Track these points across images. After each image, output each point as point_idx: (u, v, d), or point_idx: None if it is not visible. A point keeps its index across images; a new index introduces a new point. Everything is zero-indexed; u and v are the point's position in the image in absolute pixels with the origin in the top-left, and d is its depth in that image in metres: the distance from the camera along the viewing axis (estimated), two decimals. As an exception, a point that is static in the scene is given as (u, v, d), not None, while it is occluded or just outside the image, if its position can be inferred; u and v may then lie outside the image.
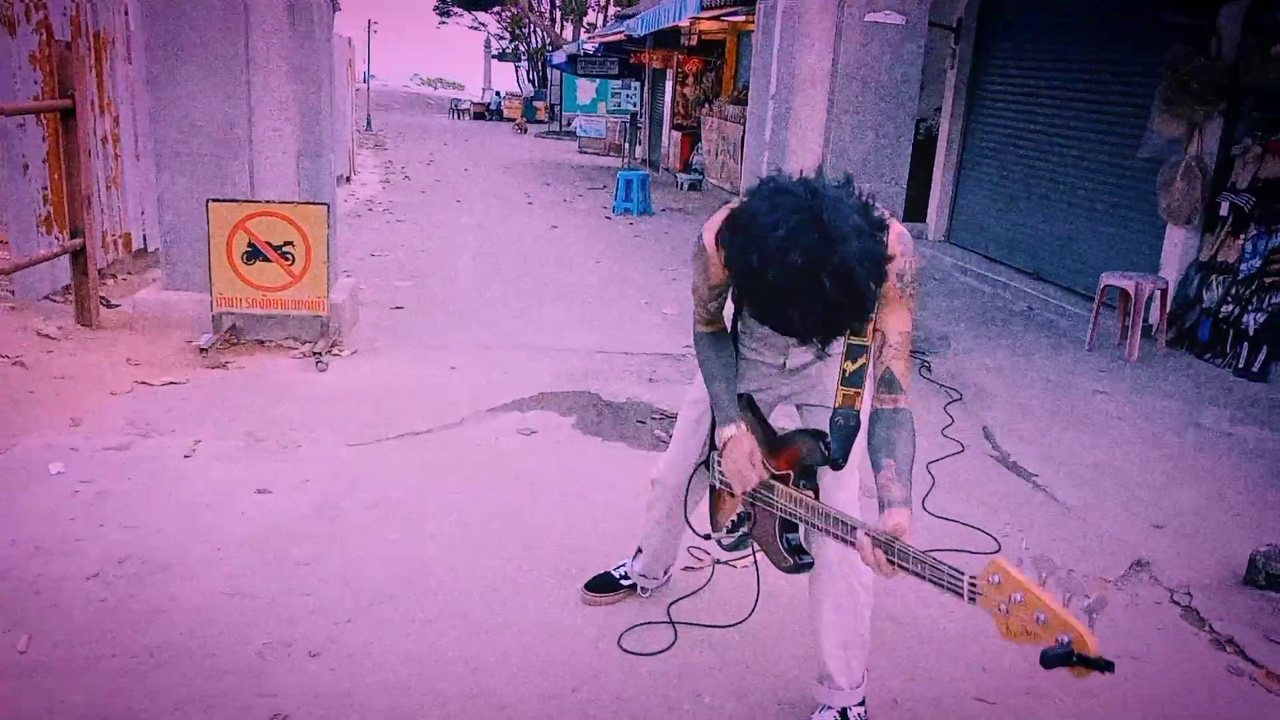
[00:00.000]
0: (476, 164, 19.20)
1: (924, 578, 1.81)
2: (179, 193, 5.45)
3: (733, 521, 2.46)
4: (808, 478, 2.21)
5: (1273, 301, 6.06)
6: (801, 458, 2.21)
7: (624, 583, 3.09)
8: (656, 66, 19.20)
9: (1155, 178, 6.86)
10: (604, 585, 3.09)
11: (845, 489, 2.34)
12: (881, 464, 1.99)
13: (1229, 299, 6.36)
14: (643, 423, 4.72)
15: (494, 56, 49.48)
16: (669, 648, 2.86)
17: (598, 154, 23.13)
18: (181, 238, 5.51)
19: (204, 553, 3.25)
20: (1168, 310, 6.58)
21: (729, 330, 2.43)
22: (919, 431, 2.25)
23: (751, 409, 2.40)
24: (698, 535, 2.61)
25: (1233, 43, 6.48)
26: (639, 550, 3.04)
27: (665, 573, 3.12)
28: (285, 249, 5.22)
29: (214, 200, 5.16)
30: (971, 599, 1.72)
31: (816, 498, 2.19)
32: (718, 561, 3.30)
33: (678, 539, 2.94)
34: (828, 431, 2.18)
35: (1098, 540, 3.76)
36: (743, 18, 12.94)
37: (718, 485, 2.51)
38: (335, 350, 5.46)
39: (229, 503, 3.63)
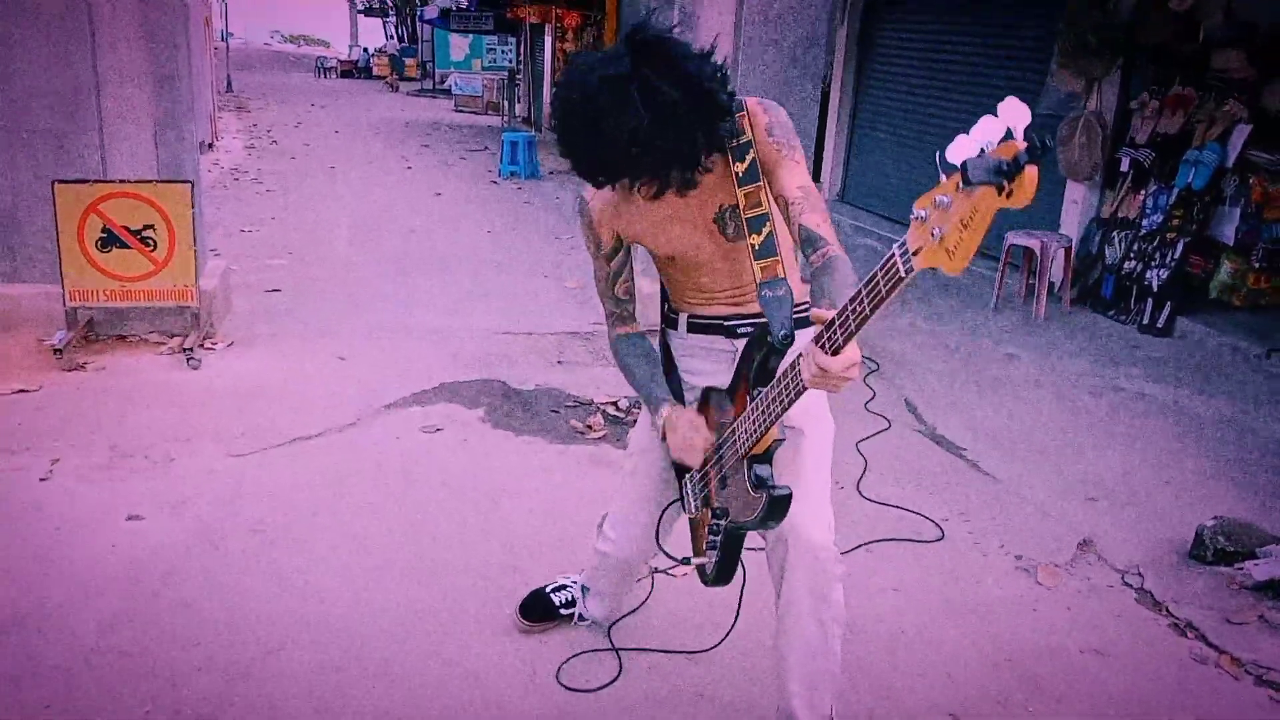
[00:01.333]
0: (348, 126, 18.31)
1: (868, 311, 1.45)
2: (19, 173, 4.82)
3: (711, 528, 2.09)
4: (764, 383, 1.86)
5: (1174, 257, 6.09)
6: (751, 370, 1.92)
7: (562, 612, 2.77)
8: (534, 21, 18.57)
9: (1054, 133, 6.81)
10: (540, 610, 2.77)
11: (805, 448, 2.09)
12: (820, 302, 1.71)
13: (1131, 255, 6.37)
14: (556, 411, 4.39)
15: (360, 11, 47.60)
16: (615, 679, 2.58)
17: (475, 113, 22.39)
18: (24, 224, 4.88)
19: (67, 598, 2.81)
20: (1071, 268, 6.56)
21: (641, 331, 2.24)
22: (845, 412, 2.14)
23: (710, 397, 2.11)
24: (677, 562, 2.21)
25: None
26: (590, 592, 2.73)
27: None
28: (145, 234, 4.67)
29: (60, 181, 4.57)
30: (908, 265, 1.35)
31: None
32: (657, 570, 3.02)
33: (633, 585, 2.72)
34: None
35: (1038, 519, 3.62)
36: (625, -29, 12.48)
37: (694, 512, 2.19)
38: (209, 343, 4.95)
39: (95, 534, 3.17)
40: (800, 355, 1.63)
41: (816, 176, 10.37)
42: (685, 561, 2.19)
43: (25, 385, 4.31)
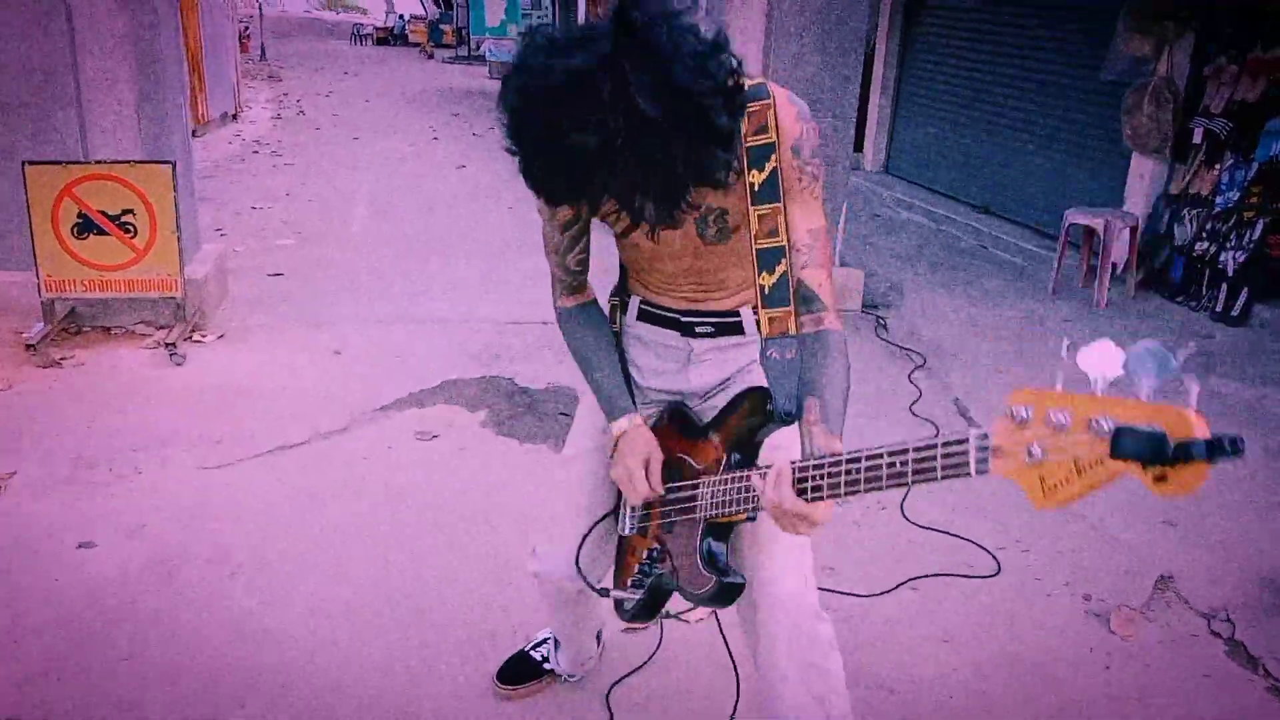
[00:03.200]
0: (379, 95, 17.92)
1: (884, 484, 1.21)
2: (-7, 152, 4.49)
3: (641, 567, 1.74)
4: (744, 451, 1.58)
5: (1252, 238, 5.53)
6: (736, 429, 1.60)
7: (545, 666, 2.39)
8: (568, -14, 18.05)
9: (1119, 102, 6.25)
10: (520, 672, 2.38)
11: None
12: (804, 404, 1.47)
13: (1204, 236, 5.82)
14: (565, 414, 3.99)
15: (397, -23, 47.16)
16: (608, 763, 2.19)
17: (509, 81, 21.89)
18: (1, 207, 4.55)
19: (-7, 646, 2.47)
20: (1137, 249, 6.02)
21: (594, 299, 1.85)
22: (887, 416, 1.87)
23: (678, 417, 1.76)
24: (595, 591, 1.84)
25: (1205, -49, 5.83)
26: (555, 640, 2.35)
27: (598, 643, 2.43)
28: (124, 219, 4.31)
29: (31, 163, 4.22)
30: (983, 466, 1.08)
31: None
32: (668, 614, 2.62)
33: (597, 616, 2.26)
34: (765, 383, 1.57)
35: (1109, 549, 3.17)
36: (659, -69, 11.93)
37: (627, 531, 1.81)
38: (198, 335, 4.60)
39: (39, 563, 2.83)
40: (763, 472, 1.41)
41: (859, 146, 9.82)
42: (602, 593, 1.81)
43: (-6, 384, 4.00)
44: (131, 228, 4.32)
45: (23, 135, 4.46)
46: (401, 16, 39.71)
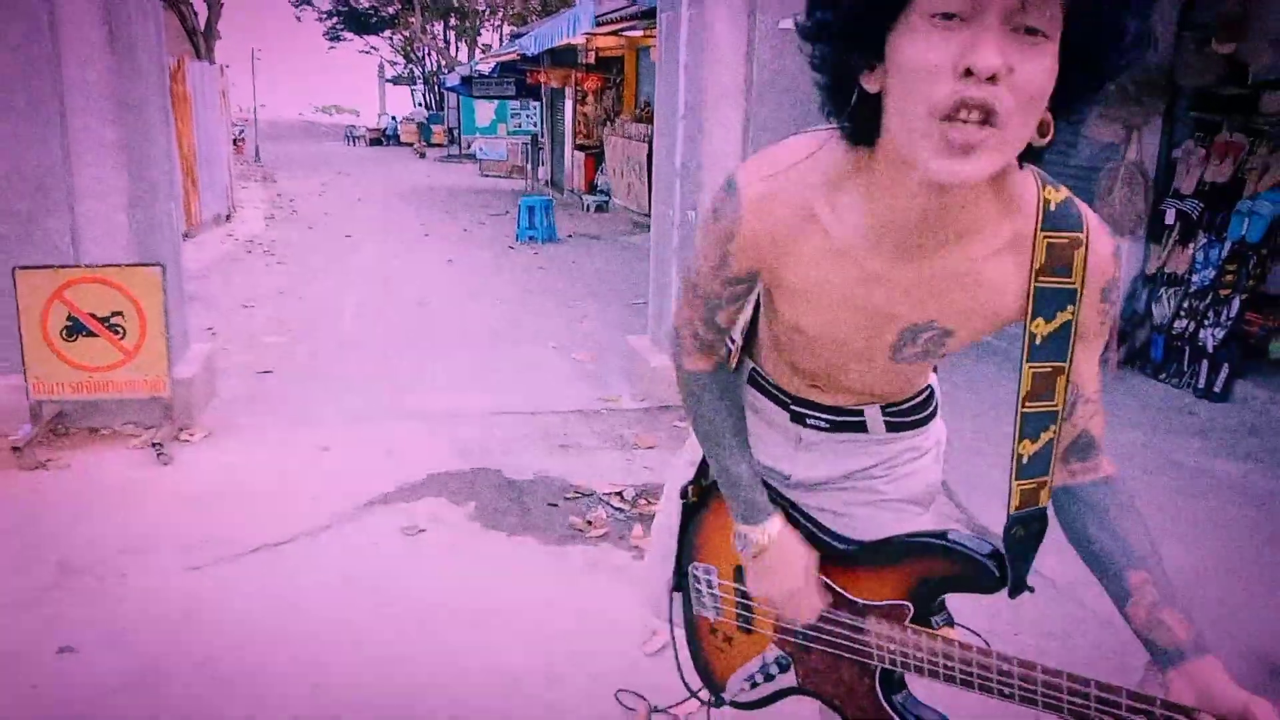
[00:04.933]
0: (371, 193, 18.25)
1: None
2: (-15, 257, 4.55)
3: (761, 675, 1.55)
4: (933, 608, 1.37)
5: (1229, 315, 5.61)
6: (930, 580, 1.35)
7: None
8: (554, 86, 18.52)
9: (1093, 186, 6.40)
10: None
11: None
12: (1126, 582, 1.21)
13: (1181, 313, 5.90)
14: (554, 505, 3.99)
15: (388, 80, 48.43)
16: None
17: (500, 177, 22.34)
18: (-10, 311, 4.59)
19: (-34, 760, 2.42)
20: (1117, 328, 6.10)
21: (735, 368, 1.53)
22: None
23: (783, 500, 1.53)
24: (701, 701, 1.66)
25: (1167, 41, 6.04)
26: None
27: None
28: (113, 321, 4.36)
29: (21, 268, 4.28)
30: None
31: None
32: (655, 710, 2.58)
33: None
34: (997, 543, 1.32)
35: (1099, 630, 3.15)
36: (640, 33, 12.32)
37: (710, 610, 1.61)
38: (185, 435, 4.60)
39: (18, 671, 2.79)
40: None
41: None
42: (716, 703, 1.62)
43: (-22, 489, 3.98)
44: (121, 329, 4.36)
45: (14, 241, 4.53)
46: (394, 118, 40.64)
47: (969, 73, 0.97)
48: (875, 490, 1.55)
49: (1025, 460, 1.26)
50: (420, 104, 40.97)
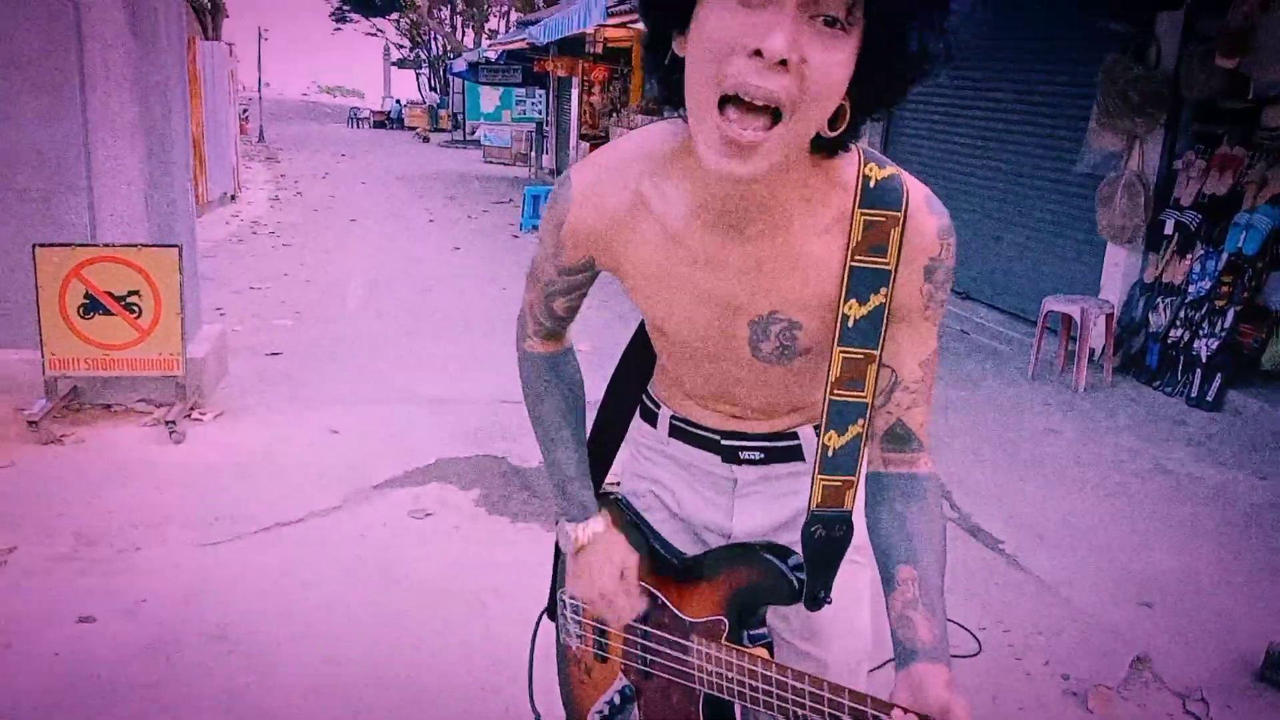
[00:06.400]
0: (375, 177, 18.29)
1: None
2: (5, 236, 4.62)
3: (608, 706, 1.48)
4: (749, 622, 1.30)
5: (1224, 326, 5.71)
6: (741, 591, 1.29)
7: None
8: (561, 75, 18.55)
9: (1094, 194, 6.49)
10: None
11: (839, 634, 1.44)
12: (894, 573, 1.15)
13: (1177, 323, 6.00)
14: (557, 493, 4.08)
15: (394, 64, 48.34)
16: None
17: (504, 164, 22.38)
18: (9, 288, 4.67)
19: (-9, 721, 2.51)
20: (1113, 335, 6.19)
21: (573, 351, 1.50)
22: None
23: (632, 515, 1.46)
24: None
25: (1172, 52, 6.13)
26: None
27: None
28: (130, 300, 4.44)
29: (41, 245, 4.35)
30: None
31: (771, 656, 1.28)
32: None
33: None
34: (796, 548, 1.27)
35: (1087, 628, 3.25)
36: (650, 24, 12.33)
37: (574, 638, 1.53)
38: (197, 414, 4.69)
39: (38, 638, 2.88)
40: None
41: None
42: None
43: (-4, 460, 4.07)
44: (136, 308, 4.44)
45: (33, 219, 4.60)
46: (398, 101, 40.61)
47: (758, 54, 0.94)
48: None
49: (830, 453, 1.20)
50: (433, 88, 40.92)
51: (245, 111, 25.86)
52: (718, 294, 1.21)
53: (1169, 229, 6.11)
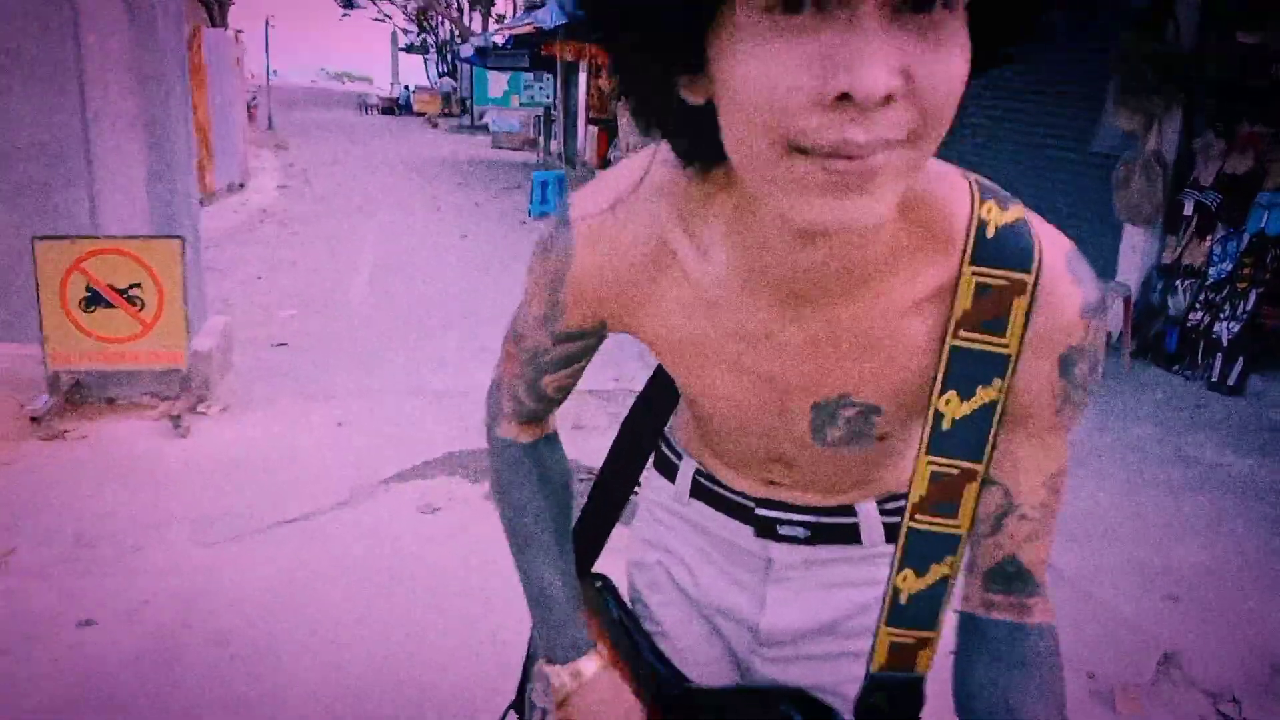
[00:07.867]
0: (384, 164, 18.21)
1: None
2: (4, 229, 4.55)
3: None
4: None
5: (1246, 309, 5.59)
6: None
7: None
8: (569, 59, 18.41)
9: (1110, 174, 6.36)
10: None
11: None
12: None
13: (1197, 306, 5.88)
14: (566, 487, 4.00)
15: (402, 49, 48.17)
16: None
17: (513, 149, 22.27)
18: (10, 281, 4.61)
19: (-11, 730, 2.46)
20: (1131, 319, 6.08)
21: (557, 438, 1.15)
22: None
23: (622, 615, 1.19)
24: None
25: (1191, 29, 5.99)
26: None
27: None
28: (132, 293, 4.37)
29: (41, 238, 4.29)
30: None
31: None
32: None
33: None
34: (841, 672, 1.09)
35: (1112, 624, 3.17)
36: (658, 6, 12.22)
37: None
38: (201, 408, 4.63)
39: (38, 643, 2.83)
40: None
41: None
42: None
43: (-2, 458, 4.02)
44: (139, 301, 4.38)
45: (33, 212, 4.54)
46: (407, 87, 40.50)
47: (845, 97, 0.62)
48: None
49: (903, 600, 0.89)
50: (445, 73, 40.74)
51: (254, 99, 25.81)
52: (770, 373, 0.91)
53: (1188, 210, 5.99)
